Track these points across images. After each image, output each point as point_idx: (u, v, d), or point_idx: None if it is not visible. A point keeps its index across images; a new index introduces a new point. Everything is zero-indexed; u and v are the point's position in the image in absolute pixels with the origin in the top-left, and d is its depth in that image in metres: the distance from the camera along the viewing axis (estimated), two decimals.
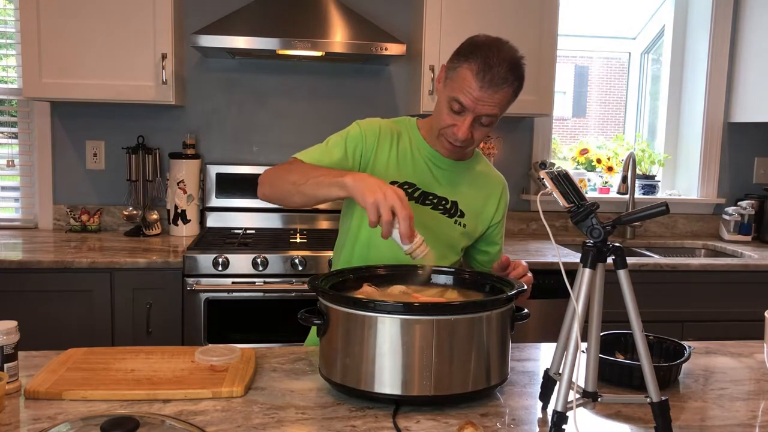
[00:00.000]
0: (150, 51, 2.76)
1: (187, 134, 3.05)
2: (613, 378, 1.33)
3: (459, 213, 1.65)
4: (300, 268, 2.54)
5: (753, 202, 3.30)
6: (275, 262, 2.54)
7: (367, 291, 1.35)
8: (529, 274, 1.53)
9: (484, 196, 1.69)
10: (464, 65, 1.46)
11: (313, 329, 1.71)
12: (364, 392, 1.19)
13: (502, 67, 1.44)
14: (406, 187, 1.60)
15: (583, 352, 1.17)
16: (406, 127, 1.66)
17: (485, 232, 1.72)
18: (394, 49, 2.72)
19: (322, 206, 3.10)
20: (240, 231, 3.02)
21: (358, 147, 1.59)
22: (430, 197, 1.62)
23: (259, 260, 2.53)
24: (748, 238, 3.30)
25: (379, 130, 1.62)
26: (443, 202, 1.63)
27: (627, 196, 3.34)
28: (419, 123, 1.67)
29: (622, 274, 1.08)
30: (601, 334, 1.24)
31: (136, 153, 3.02)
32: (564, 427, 1.05)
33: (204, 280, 2.52)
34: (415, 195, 1.61)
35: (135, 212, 3.02)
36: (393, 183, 1.59)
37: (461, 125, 1.49)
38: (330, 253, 2.55)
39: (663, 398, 1.08)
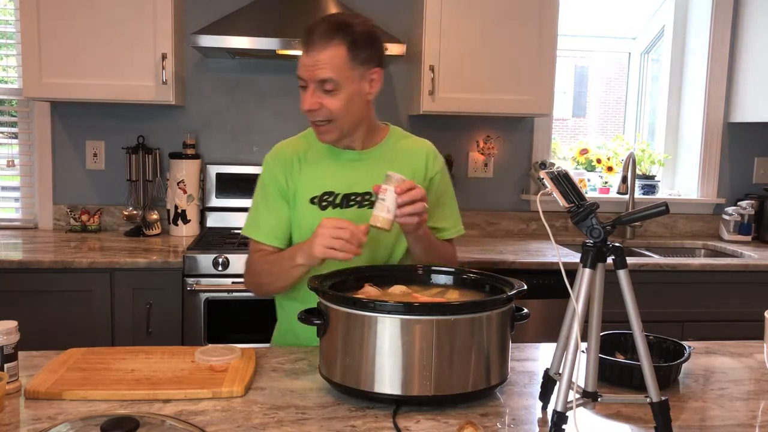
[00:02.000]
0: (150, 51, 2.76)
1: (187, 134, 3.05)
2: (613, 378, 1.33)
3: None
4: None
5: (753, 202, 3.30)
6: None
7: (368, 291, 1.35)
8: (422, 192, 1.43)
9: (409, 172, 1.58)
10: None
11: (278, 326, 1.73)
12: (364, 392, 1.19)
13: (321, 26, 1.47)
14: (325, 197, 1.58)
15: (583, 352, 1.17)
16: (313, 137, 1.62)
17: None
18: (394, 49, 2.72)
19: None
20: (240, 231, 3.01)
21: (280, 187, 1.62)
22: (352, 197, 1.58)
23: None
24: (748, 238, 3.30)
25: (283, 160, 1.64)
26: (367, 197, 1.58)
27: (627, 196, 3.34)
28: None
29: (622, 274, 1.08)
30: (601, 334, 1.24)
31: (136, 153, 3.02)
32: (564, 427, 1.05)
33: (204, 280, 2.52)
34: (337, 201, 1.58)
35: (135, 212, 3.02)
36: (313, 198, 1.59)
37: (305, 97, 1.49)
38: None
39: (663, 398, 1.08)
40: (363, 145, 1.62)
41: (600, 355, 1.18)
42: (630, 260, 2.68)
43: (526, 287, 1.29)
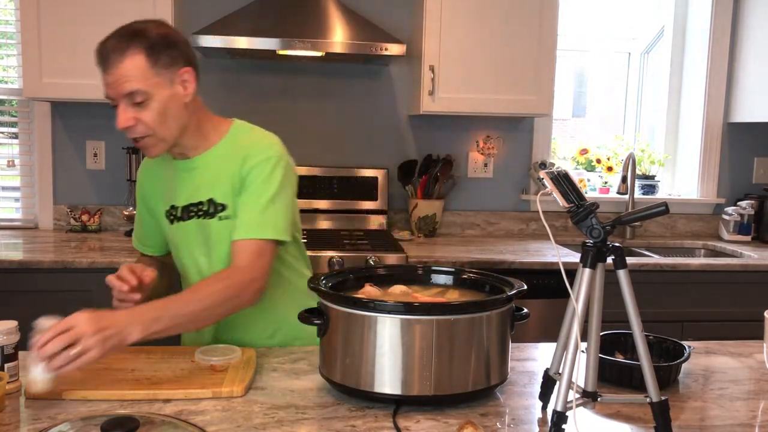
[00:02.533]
0: None
1: None
2: (613, 378, 1.33)
3: (219, 207, 1.52)
4: None
5: (753, 202, 3.30)
6: None
7: (369, 291, 1.35)
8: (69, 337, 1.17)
9: (230, 173, 1.51)
10: None
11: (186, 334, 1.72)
12: (364, 392, 1.19)
13: (112, 40, 1.44)
14: (172, 210, 1.58)
15: (582, 352, 1.17)
16: None
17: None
18: (394, 49, 2.72)
19: (321, 206, 3.10)
20: None
21: (143, 199, 1.69)
22: (190, 208, 1.54)
23: None
24: (748, 238, 3.30)
25: (142, 175, 1.68)
26: (200, 206, 1.54)
27: (627, 196, 3.34)
28: None
29: (622, 274, 1.08)
30: (601, 334, 1.24)
31: (136, 153, 3.02)
32: (564, 427, 1.05)
33: None
34: (179, 215, 1.56)
35: (135, 212, 3.02)
36: (166, 212, 1.60)
37: (118, 115, 1.44)
38: (330, 253, 2.55)
39: (663, 398, 1.08)
40: (196, 151, 1.55)
41: (600, 355, 1.18)
42: (630, 260, 2.68)
43: (526, 287, 1.29)
